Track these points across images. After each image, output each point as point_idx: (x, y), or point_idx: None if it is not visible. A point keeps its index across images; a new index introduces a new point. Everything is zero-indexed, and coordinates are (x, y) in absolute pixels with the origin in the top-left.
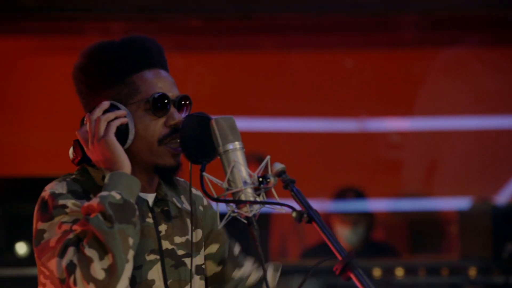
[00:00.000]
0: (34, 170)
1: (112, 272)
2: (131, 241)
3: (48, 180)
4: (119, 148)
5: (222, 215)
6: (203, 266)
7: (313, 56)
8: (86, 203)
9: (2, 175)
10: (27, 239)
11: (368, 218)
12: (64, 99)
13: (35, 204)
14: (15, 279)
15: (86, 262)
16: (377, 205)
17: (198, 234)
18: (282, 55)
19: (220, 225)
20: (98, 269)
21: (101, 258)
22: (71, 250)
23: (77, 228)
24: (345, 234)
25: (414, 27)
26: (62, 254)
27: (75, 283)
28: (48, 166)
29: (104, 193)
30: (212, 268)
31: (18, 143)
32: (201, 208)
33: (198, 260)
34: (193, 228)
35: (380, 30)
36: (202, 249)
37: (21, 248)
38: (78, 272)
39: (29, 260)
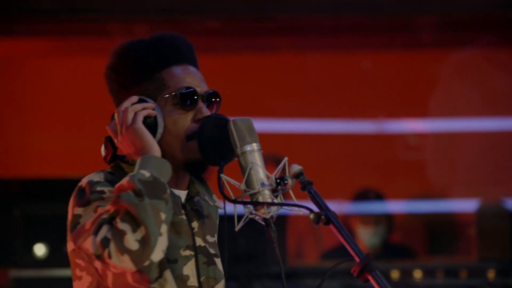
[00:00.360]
0: (52, 171)
1: (146, 242)
2: (163, 216)
3: (66, 181)
4: (147, 134)
5: (239, 217)
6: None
7: (331, 57)
8: (117, 184)
9: (20, 177)
10: (46, 240)
11: (389, 219)
12: (85, 100)
13: (53, 206)
14: (33, 280)
15: (120, 235)
16: (395, 206)
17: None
18: (300, 56)
19: (238, 226)
20: (131, 241)
21: (134, 230)
22: (105, 227)
23: (110, 207)
24: (367, 235)
25: (432, 28)
26: (96, 232)
27: (109, 256)
28: (66, 167)
29: (134, 172)
30: None
31: (36, 145)
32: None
33: (222, 261)
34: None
35: (398, 31)
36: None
37: (39, 249)
38: (112, 245)
39: (47, 262)
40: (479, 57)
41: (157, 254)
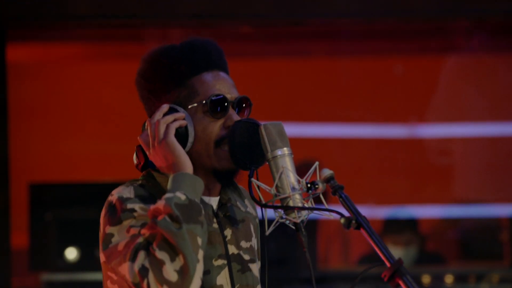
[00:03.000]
0: (83, 176)
1: (185, 273)
2: (199, 240)
3: (98, 186)
4: (179, 149)
5: (270, 221)
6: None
7: (364, 62)
8: (152, 206)
9: (53, 181)
10: (77, 244)
11: (420, 239)
12: (119, 106)
13: (84, 210)
14: (65, 284)
15: (158, 265)
16: (427, 212)
17: (257, 242)
18: (332, 61)
19: (268, 231)
20: (170, 271)
21: (173, 260)
22: (141, 254)
23: (145, 232)
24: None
25: (465, 32)
26: (133, 259)
27: (148, 286)
28: (98, 172)
29: (169, 194)
30: None
31: (69, 150)
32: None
33: (260, 266)
34: (259, 233)
35: (430, 35)
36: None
37: (71, 253)
38: (151, 276)
39: (79, 265)
40: None
41: (195, 284)
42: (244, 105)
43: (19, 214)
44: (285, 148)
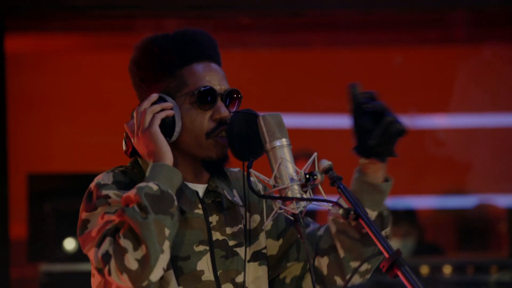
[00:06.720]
0: (82, 166)
1: (145, 262)
2: (167, 231)
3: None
4: (161, 139)
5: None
6: (264, 251)
7: (363, 53)
8: (125, 194)
9: (51, 172)
10: (76, 235)
11: (418, 231)
12: (116, 96)
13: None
14: (63, 274)
15: (121, 252)
16: (425, 202)
17: (256, 219)
18: (331, 51)
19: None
20: (131, 260)
21: (135, 249)
22: (107, 241)
23: (115, 218)
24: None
25: (464, 23)
26: (99, 244)
27: (109, 273)
28: (97, 162)
29: (142, 184)
30: (275, 245)
31: (68, 140)
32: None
33: (257, 245)
34: (247, 217)
35: (429, 26)
36: (263, 233)
37: (69, 244)
38: (112, 263)
39: (77, 256)
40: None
41: (156, 274)
42: (234, 97)
43: (17, 205)
44: (283, 139)
